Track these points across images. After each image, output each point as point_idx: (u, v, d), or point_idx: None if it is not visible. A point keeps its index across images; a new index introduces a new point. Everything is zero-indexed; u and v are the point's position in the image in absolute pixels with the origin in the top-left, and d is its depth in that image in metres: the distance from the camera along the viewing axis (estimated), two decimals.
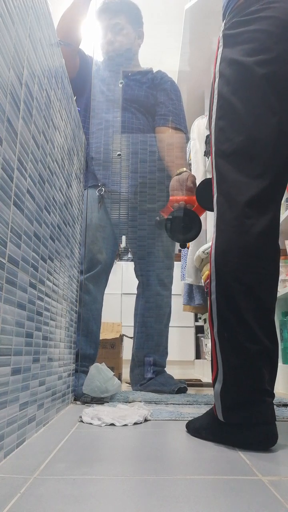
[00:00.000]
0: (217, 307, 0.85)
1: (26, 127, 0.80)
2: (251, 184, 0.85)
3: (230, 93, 0.91)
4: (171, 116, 1.79)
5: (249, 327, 0.81)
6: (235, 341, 0.82)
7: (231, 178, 0.87)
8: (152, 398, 1.41)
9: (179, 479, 0.62)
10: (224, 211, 0.87)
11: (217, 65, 0.95)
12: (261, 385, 0.81)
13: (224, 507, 0.52)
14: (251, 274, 0.83)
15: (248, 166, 0.86)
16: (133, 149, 1.78)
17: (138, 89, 1.84)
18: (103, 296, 1.73)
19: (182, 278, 3.16)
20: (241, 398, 0.81)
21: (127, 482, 0.61)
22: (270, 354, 0.82)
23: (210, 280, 0.88)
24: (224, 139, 0.90)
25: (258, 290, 0.83)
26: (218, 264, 0.86)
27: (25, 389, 0.81)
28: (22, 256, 0.79)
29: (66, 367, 1.26)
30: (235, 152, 0.88)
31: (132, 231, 1.80)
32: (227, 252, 0.85)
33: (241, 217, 0.84)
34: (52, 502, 0.53)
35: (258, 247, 0.84)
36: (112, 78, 1.82)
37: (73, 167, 1.33)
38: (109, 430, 0.96)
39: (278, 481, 0.61)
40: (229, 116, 0.91)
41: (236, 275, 0.83)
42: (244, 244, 0.84)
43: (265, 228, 0.84)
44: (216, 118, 0.93)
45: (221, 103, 0.93)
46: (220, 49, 0.96)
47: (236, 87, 0.90)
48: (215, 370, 0.85)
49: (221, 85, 0.93)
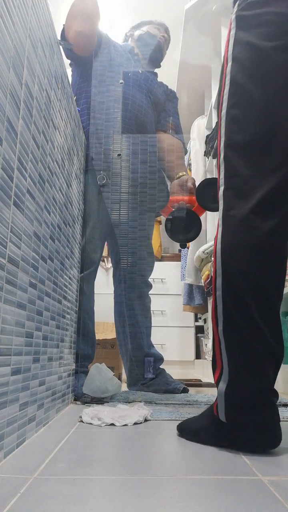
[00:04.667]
0: (223, 304, 0.81)
1: (26, 127, 0.80)
2: (264, 180, 0.80)
3: (246, 79, 0.84)
4: (174, 127, 1.93)
5: (256, 326, 0.78)
6: (242, 340, 0.79)
7: (243, 172, 0.82)
8: (152, 398, 1.41)
9: (179, 479, 0.62)
10: (233, 206, 0.83)
11: (230, 49, 0.88)
12: (267, 385, 0.79)
13: (224, 507, 0.52)
14: (259, 271, 0.80)
15: (263, 161, 0.81)
16: (133, 149, 1.78)
17: (158, 87, 1.94)
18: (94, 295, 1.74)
19: (182, 278, 3.16)
20: (248, 398, 0.78)
21: (127, 482, 0.61)
22: (276, 355, 0.80)
23: (215, 276, 0.84)
24: (237, 129, 0.84)
25: (266, 288, 0.80)
26: (225, 258, 0.82)
27: (25, 389, 0.81)
28: (22, 256, 0.79)
29: (66, 367, 1.26)
30: (249, 144, 0.82)
31: (132, 231, 1.80)
32: (235, 247, 0.81)
33: (252, 214, 0.80)
34: (52, 502, 0.53)
35: (268, 245, 0.80)
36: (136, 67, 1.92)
37: (73, 167, 1.33)
38: (109, 430, 0.96)
39: (278, 481, 0.61)
40: (243, 104, 0.84)
41: (244, 271, 0.80)
42: (254, 240, 0.80)
43: (276, 226, 0.80)
44: (228, 106, 0.86)
45: (234, 90, 0.86)
46: (232, 31, 0.88)
47: (253, 73, 0.83)
48: (219, 369, 0.82)
49: (235, 70, 0.86)
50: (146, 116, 1.82)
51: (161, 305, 3.30)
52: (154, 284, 1.94)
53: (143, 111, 1.81)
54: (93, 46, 1.74)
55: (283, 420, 1.06)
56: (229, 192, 0.84)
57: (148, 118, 1.83)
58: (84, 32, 1.64)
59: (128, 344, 1.76)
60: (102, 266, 3.24)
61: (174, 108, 1.98)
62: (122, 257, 1.80)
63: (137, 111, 1.79)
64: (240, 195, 0.82)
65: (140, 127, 1.79)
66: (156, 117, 1.90)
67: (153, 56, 1.94)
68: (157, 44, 1.95)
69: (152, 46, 1.94)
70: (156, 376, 1.72)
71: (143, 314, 1.80)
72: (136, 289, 1.80)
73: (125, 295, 1.79)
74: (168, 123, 1.91)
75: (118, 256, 1.81)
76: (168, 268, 3.44)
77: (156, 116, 1.90)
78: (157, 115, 1.91)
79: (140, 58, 1.93)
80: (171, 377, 1.74)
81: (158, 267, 2.09)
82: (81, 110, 1.71)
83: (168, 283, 3.43)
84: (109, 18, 2.14)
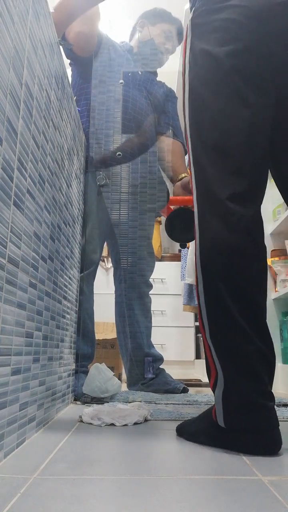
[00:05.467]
0: (206, 310, 0.82)
1: (26, 127, 0.80)
2: (229, 180, 0.82)
3: (200, 85, 0.87)
4: (175, 128, 1.93)
5: (240, 328, 0.78)
6: (230, 344, 0.79)
7: (210, 174, 0.84)
8: (152, 398, 1.41)
9: (179, 479, 0.62)
10: (205, 209, 0.85)
11: (187, 56, 0.91)
12: (263, 387, 0.79)
13: (224, 507, 0.52)
14: (238, 273, 0.80)
15: (225, 162, 0.84)
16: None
17: (158, 88, 1.93)
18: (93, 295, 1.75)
19: (182, 278, 3.16)
20: (245, 402, 0.78)
21: (127, 482, 0.61)
22: (265, 354, 0.80)
23: (197, 283, 0.85)
24: (199, 134, 0.88)
25: (246, 289, 0.80)
26: (203, 263, 0.83)
27: (25, 389, 0.81)
28: (22, 256, 0.79)
29: (66, 367, 1.26)
30: (211, 147, 0.85)
31: (132, 231, 1.80)
32: (212, 250, 0.82)
33: (222, 215, 0.81)
34: (52, 502, 0.53)
35: (242, 244, 0.81)
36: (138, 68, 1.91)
37: (73, 167, 1.33)
38: (109, 430, 0.96)
39: (278, 481, 0.61)
40: (200, 110, 0.87)
41: (223, 274, 0.80)
42: (228, 242, 0.81)
43: (248, 225, 0.81)
44: (189, 111, 0.90)
45: (193, 96, 0.89)
46: (188, 39, 0.91)
47: (206, 79, 0.86)
48: (214, 376, 0.82)
49: (191, 77, 0.89)
50: (146, 117, 1.82)
51: (161, 305, 3.30)
52: (154, 284, 1.94)
53: (143, 112, 1.81)
54: (93, 47, 1.74)
55: (284, 420, 1.06)
56: (201, 196, 0.86)
57: (148, 118, 1.83)
58: (84, 32, 1.64)
59: (129, 344, 1.76)
60: (102, 266, 3.24)
61: (173, 108, 1.98)
62: (122, 257, 1.81)
63: (137, 112, 1.79)
64: (210, 197, 0.84)
65: (140, 127, 1.79)
66: (156, 118, 1.90)
67: (151, 65, 1.92)
68: (156, 56, 1.92)
69: (151, 56, 1.93)
70: (156, 376, 1.72)
71: (143, 314, 1.80)
72: (136, 289, 1.80)
73: (126, 295, 1.79)
74: (168, 126, 1.92)
75: (118, 256, 1.82)
76: (168, 268, 3.44)
77: (156, 117, 1.90)
78: (157, 116, 1.91)
79: (140, 58, 1.93)
80: (171, 377, 1.74)
81: (158, 267, 2.09)
82: (81, 110, 1.71)
83: (168, 283, 3.43)
84: (109, 18, 2.13)
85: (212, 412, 0.83)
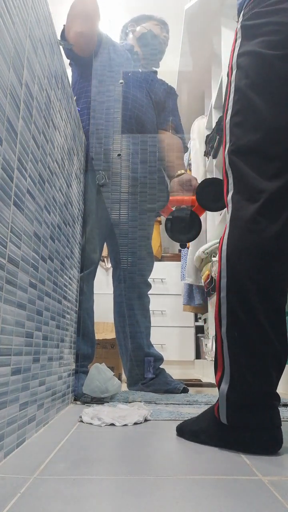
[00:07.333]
0: (227, 305, 0.82)
1: (26, 127, 0.80)
2: (268, 184, 0.82)
3: (248, 87, 0.86)
4: (175, 124, 1.93)
5: (262, 328, 0.78)
6: (246, 342, 0.79)
7: (249, 176, 0.84)
8: (152, 398, 1.41)
9: (179, 479, 0.62)
10: (240, 208, 0.84)
11: (234, 57, 0.90)
12: (270, 387, 0.79)
13: (224, 507, 0.52)
14: (265, 273, 0.81)
15: (265, 166, 0.83)
16: (133, 149, 1.78)
17: (158, 86, 1.94)
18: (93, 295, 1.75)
19: (182, 278, 3.16)
20: (250, 400, 0.78)
21: (127, 482, 0.61)
22: (280, 357, 0.80)
23: (219, 277, 0.84)
24: (240, 136, 0.86)
25: (271, 290, 0.81)
26: (231, 261, 0.83)
27: (25, 389, 0.81)
28: (22, 256, 0.79)
29: (66, 367, 1.26)
30: (252, 150, 0.85)
31: (132, 231, 1.80)
32: (242, 250, 0.82)
33: (258, 217, 0.81)
34: (52, 502, 0.53)
35: (274, 247, 0.81)
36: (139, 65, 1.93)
37: (73, 167, 1.33)
38: (109, 430, 0.96)
39: (278, 481, 0.61)
40: (246, 111, 0.86)
41: (250, 274, 0.80)
42: (260, 243, 0.81)
43: (281, 228, 0.81)
44: (232, 113, 0.89)
45: (237, 97, 0.88)
46: (238, 41, 0.91)
47: (256, 81, 0.85)
48: (221, 371, 0.82)
49: (239, 78, 0.88)
50: (146, 115, 1.82)
51: (161, 305, 3.30)
52: (154, 284, 1.94)
53: (144, 110, 1.81)
54: (93, 47, 1.74)
55: (284, 420, 1.06)
56: (237, 196, 0.86)
57: (149, 117, 1.83)
58: (84, 32, 1.64)
59: (128, 344, 1.76)
60: (102, 266, 3.24)
61: (174, 105, 1.98)
62: (122, 257, 1.81)
63: (138, 111, 1.79)
64: (247, 198, 0.84)
65: (141, 127, 1.79)
66: (156, 116, 1.90)
67: (154, 57, 1.94)
68: (159, 45, 1.95)
69: (153, 46, 1.94)
70: (156, 376, 1.72)
71: (142, 314, 1.80)
72: (136, 289, 1.80)
73: (125, 295, 1.79)
74: (169, 122, 1.91)
75: (118, 256, 1.82)
76: (168, 268, 3.44)
77: (156, 116, 1.90)
78: (157, 114, 1.91)
79: (140, 57, 1.93)
80: (171, 377, 1.74)
81: (158, 267, 2.09)
82: (81, 110, 1.71)
83: (168, 283, 3.44)
84: (109, 18, 2.14)
85: (214, 409, 0.83)
